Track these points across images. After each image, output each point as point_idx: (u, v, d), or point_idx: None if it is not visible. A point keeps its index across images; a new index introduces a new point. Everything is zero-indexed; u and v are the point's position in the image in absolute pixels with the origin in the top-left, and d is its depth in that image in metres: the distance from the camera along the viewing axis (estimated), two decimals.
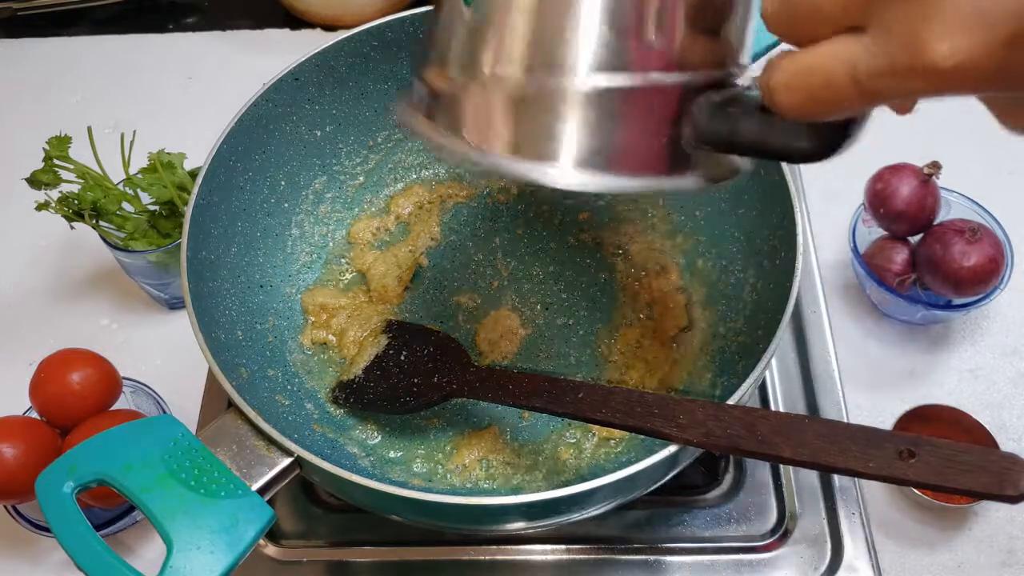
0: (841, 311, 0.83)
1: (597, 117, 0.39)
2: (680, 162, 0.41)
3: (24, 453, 0.67)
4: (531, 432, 0.69)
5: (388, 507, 0.58)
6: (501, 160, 0.40)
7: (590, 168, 0.40)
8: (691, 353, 0.72)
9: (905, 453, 0.45)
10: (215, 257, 0.67)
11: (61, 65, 1.12)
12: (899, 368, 0.80)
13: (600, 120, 0.39)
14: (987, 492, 0.43)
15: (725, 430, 0.50)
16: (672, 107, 0.40)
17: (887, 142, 0.92)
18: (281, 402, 0.66)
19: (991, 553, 0.70)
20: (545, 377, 0.60)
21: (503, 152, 0.40)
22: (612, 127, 0.39)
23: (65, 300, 0.90)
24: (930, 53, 0.29)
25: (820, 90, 0.33)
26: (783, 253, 0.63)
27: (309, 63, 0.73)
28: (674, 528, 0.70)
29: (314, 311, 0.75)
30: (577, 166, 0.40)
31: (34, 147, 0.80)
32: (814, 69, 0.33)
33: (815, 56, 0.33)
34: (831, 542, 0.68)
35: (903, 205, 0.77)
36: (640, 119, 0.40)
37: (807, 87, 0.34)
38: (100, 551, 0.47)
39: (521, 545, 0.69)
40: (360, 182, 0.82)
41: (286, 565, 0.69)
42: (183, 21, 1.17)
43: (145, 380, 0.77)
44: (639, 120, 0.40)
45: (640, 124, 0.40)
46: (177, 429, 0.53)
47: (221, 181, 0.68)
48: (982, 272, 0.74)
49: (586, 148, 0.39)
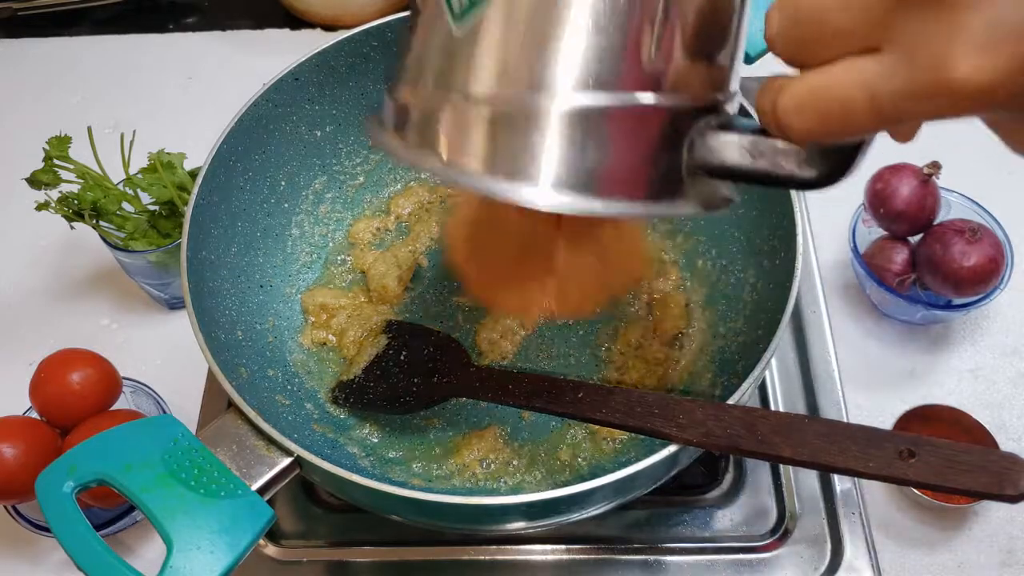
0: (841, 311, 0.83)
1: (579, 137, 0.37)
2: (668, 188, 0.40)
3: (24, 453, 0.67)
4: (531, 432, 0.69)
5: (388, 507, 0.58)
6: (474, 178, 0.38)
7: (570, 190, 0.38)
8: (691, 353, 0.72)
9: (905, 453, 0.45)
10: (215, 257, 0.67)
11: (61, 65, 1.12)
12: (899, 368, 0.80)
13: (582, 140, 0.37)
14: (987, 492, 0.43)
15: (725, 430, 0.50)
16: (661, 130, 0.38)
17: (887, 142, 0.93)
18: (281, 402, 0.66)
19: (991, 553, 0.70)
20: (545, 377, 0.60)
21: (477, 169, 0.38)
22: (595, 148, 0.38)
23: (65, 300, 0.90)
24: (955, 72, 0.28)
25: (835, 113, 0.32)
26: (783, 253, 0.63)
27: (309, 63, 0.73)
28: (674, 528, 0.70)
29: (314, 311, 0.75)
30: (556, 187, 0.37)
31: (34, 147, 0.80)
32: (828, 91, 0.32)
33: (829, 77, 0.32)
34: (831, 542, 0.68)
35: (903, 205, 0.77)
36: (625, 141, 0.38)
37: (820, 110, 0.32)
38: (100, 551, 0.47)
39: (521, 545, 0.69)
40: (360, 182, 0.82)
41: (286, 565, 0.69)
42: (183, 21, 1.17)
43: (145, 380, 0.77)
44: (624, 142, 0.38)
45: (625, 147, 0.38)
46: (177, 429, 0.53)
47: (221, 181, 0.68)
48: (982, 272, 0.74)
49: (566, 169, 0.37)
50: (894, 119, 0.31)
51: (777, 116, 0.34)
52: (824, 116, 0.32)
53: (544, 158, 0.38)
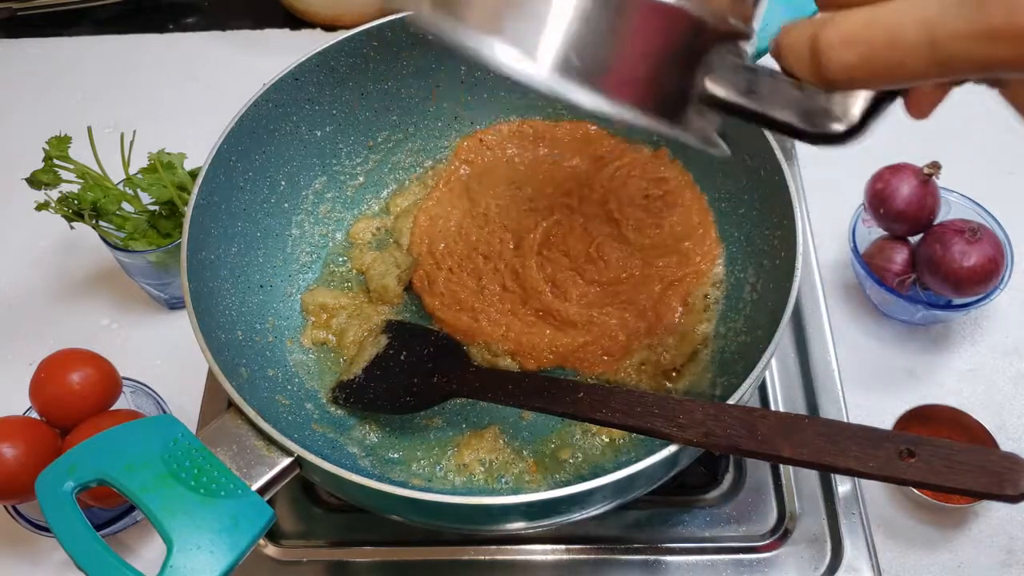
0: (841, 311, 0.83)
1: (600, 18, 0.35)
2: (673, 108, 0.38)
3: (24, 453, 0.67)
4: (531, 432, 0.69)
5: (388, 507, 0.58)
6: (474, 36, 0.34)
7: (569, 75, 0.35)
8: None
9: (905, 453, 0.45)
10: (215, 257, 0.67)
11: (61, 65, 1.13)
12: (899, 368, 0.80)
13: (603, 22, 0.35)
14: (987, 492, 0.43)
15: (725, 430, 0.50)
16: (682, 38, 0.36)
17: (887, 142, 0.93)
18: (281, 402, 0.66)
19: (991, 553, 0.70)
20: (545, 377, 0.60)
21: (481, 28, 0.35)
22: (613, 36, 0.35)
23: (65, 300, 0.90)
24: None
25: (883, 49, 0.30)
26: (783, 253, 0.63)
27: (309, 63, 0.73)
28: (674, 528, 0.70)
29: (314, 311, 0.75)
30: (555, 69, 0.35)
31: (34, 147, 0.80)
32: (881, 25, 0.30)
33: (887, 11, 0.30)
34: (831, 542, 0.68)
35: (903, 205, 0.77)
36: (646, 37, 0.36)
37: (873, 44, 0.30)
38: (100, 551, 0.47)
39: (521, 545, 0.69)
40: (360, 182, 0.82)
41: (286, 565, 0.69)
42: (183, 21, 1.17)
43: (145, 380, 0.77)
44: (644, 38, 0.36)
45: (643, 44, 0.36)
46: (177, 429, 0.53)
47: (221, 181, 0.68)
48: (982, 272, 0.74)
49: (576, 49, 0.35)
50: (948, 64, 0.29)
51: (819, 49, 0.32)
52: (873, 53, 0.30)
53: (555, 29, 0.35)
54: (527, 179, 0.80)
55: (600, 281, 0.72)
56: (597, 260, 0.73)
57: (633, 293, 0.72)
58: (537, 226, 0.75)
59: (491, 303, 0.73)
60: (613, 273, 0.73)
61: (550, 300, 0.71)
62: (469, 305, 0.73)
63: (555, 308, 0.71)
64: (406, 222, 0.79)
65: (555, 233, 0.75)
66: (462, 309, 0.73)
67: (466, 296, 0.73)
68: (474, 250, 0.76)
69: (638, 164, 0.78)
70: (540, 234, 0.75)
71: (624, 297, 0.72)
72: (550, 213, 0.76)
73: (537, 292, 0.72)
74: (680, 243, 0.73)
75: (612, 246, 0.74)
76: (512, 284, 0.73)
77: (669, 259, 0.73)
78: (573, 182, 0.78)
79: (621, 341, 0.70)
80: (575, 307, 0.71)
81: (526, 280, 0.72)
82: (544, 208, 0.77)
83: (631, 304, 0.71)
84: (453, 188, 0.81)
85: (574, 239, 0.74)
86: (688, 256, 0.73)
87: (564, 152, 0.82)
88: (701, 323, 0.71)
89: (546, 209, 0.77)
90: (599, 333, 0.70)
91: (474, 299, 0.73)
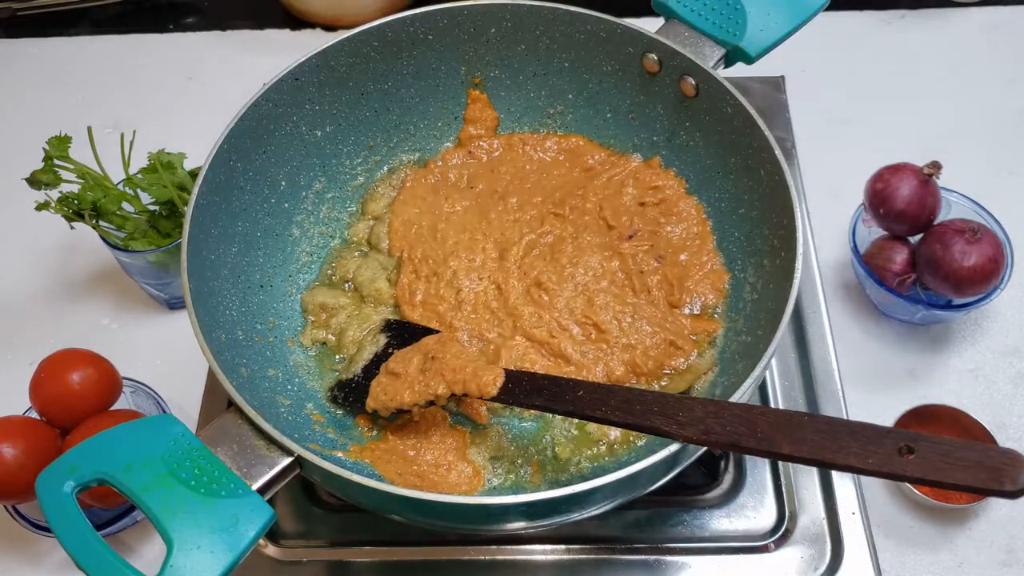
0: (841, 311, 0.83)
1: None
2: None
3: (24, 453, 0.67)
4: (531, 432, 0.69)
5: (388, 507, 0.58)
6: None
7: None
8: None
9: (904, 449, 0.45)
10: (215, 257, 0.67)
11: (61, 65, 1.13)
12: (899, 368, 0.80)
13: None
14: (986, 487, 0.43)
15: (725, 427, 0.50)
16: None
17: (887, 142, 0.93)
18: (281, 402, 0.66)
19: (991, 553, 0.70)
20: (545, 376, 0.60)
21: None
22: None
23: (65, 300, 0.90)
24: None
25: None
26: (783, 253, 0.63)
27: (309, 63, 0.73)
28: (674, 528, 0.70)
29: (314, 310, 0.75)
30: None
31: (34, 147, 0.80)
32: None
33: None
34: (831, 542, 0.68)
35: (903, 205, 0.77)
36: None
37: None
38: (100, 551, 0.47)
39: (521, 545, 0.69)
40: (360, 182, 0.82)
41: (286, 565, 0.69)
42: (183, 21, 1.17)
43: (145, 380, 0.77)
44: None
45: None
46: (177, 429, 0.53)
47: (221, 181, 0.68)
48: (982, 272, 0.74)
49: None
50: None
51: None
52: None
53: None
54: (513, 189, 0.79)
55: (595, 323, 0.70)
56: (592, 305, 0.71)
57: (633, 336, 0.70)
58: (522, 238, 0.75)
59: (469, 320, 0.71)
60: (609, 315, 0.70)
61: (545, 337, 0.69)
62: (448, 322, 0.71)
63: (544, 341, 0.69)
64: (383, 227, 0.79)
65: (541, 245, 0.74)
66: (441, 324, 0.71)
67: (444, 310, 0.72)
68: (451, 254, 0.74)
69: (631, 173, 0.78)
70: (524, 247, 0.74)
71: (624, 342, 0.69)
72: (539, 223, 0.76)
73: (522, 319, 0.70)
74: (678, 256, 0.73)
75: (608, 297, 0.71)
76: (496, 304, 0.72)
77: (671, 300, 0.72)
78: (564, 192, 0.78)
79: (618, 376, 0.68)
80: (569, 343, 0.69)
81: (509, 298, 0.71)
82: (531, 219, 0.77)
83: (630, 348, 0.69)
84: (437, 191, 0.80)
85: (564, 256, 0.73)
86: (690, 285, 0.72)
87: (553, 162, 0.82)
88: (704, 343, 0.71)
89: (534, 220, 0.77)
90: (593, 369, 0.68)
91: (452, 314, 0.72)
